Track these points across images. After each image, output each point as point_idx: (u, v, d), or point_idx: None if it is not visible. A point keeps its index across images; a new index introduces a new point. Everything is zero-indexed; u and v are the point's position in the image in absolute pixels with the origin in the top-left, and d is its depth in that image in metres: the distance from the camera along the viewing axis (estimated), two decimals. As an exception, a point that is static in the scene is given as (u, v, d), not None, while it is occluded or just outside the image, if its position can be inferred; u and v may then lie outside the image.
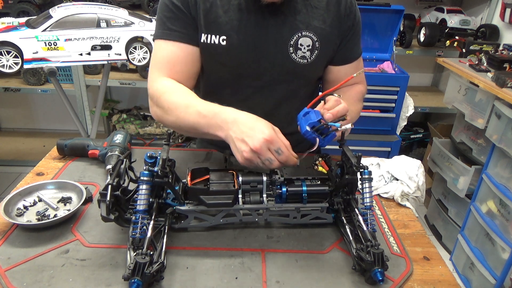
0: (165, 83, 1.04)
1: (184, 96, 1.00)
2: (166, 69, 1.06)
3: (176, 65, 1.06)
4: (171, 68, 1.06)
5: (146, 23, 1.91)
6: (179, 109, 0.97)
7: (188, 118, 0.95)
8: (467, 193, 2.22)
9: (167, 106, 1.00)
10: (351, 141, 1.10)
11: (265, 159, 0.84)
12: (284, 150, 0.85)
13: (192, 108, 0.95)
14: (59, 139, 1.18)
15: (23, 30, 1.74)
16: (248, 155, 0.84)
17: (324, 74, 1.22)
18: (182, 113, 0.96)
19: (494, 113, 1.93)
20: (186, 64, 1.08)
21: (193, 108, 0.95)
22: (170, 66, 1.06)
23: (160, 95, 1.02)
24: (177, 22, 1.05)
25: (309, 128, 0.88)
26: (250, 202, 0.89)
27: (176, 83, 1.04)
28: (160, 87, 1.03)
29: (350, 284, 0.79)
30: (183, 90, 1.02)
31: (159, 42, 1.07)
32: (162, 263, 0.75)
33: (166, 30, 1.06)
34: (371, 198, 0.87)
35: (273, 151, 0.85)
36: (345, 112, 0.92)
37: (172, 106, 0.99)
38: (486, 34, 2.67)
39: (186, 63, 1.07)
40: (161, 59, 1.07)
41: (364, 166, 0.87)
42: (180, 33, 1.05)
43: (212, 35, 1.06)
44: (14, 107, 3.39)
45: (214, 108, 0.93)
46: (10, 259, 0.79)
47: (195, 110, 0.94)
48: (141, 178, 0.81)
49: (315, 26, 1.08)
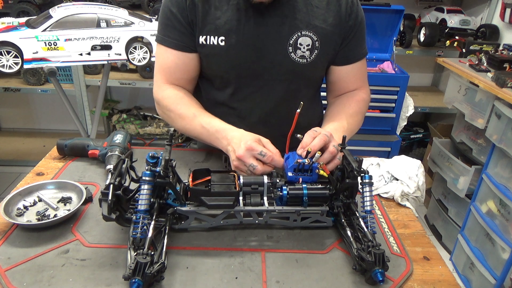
0: (170, 93, 1.13)
1: (189, 108, 1.10)
2: (167, 75, 1.15)
3: (175, 72, 1.14)
4: (171, 74, 1.14)
5: (146, 23, 1.91)
6: (186, 120, 1.10)
7: (194, 129, 1.09)
8: (467, 193, 2.22)
9: (173, 116, 1.12)
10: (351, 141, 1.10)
11: (249, 165, 0.92)
12: (266, 152, 0.92)
13: (196, 121, 1.07)
14: (59, 139, 1.18)
15: (23, 30, 1.74)
16: (236, 163, 0.94)
17: (327, 75, 1.22)
18: (188, 124, 1.09)
19: (494, 113, 1.93)
20: (184, 71, 1.15)
21: (198, 121, 1.07)
22: (171, 72, 1.14)
23: (168, 105, 1.12)
24: (174, 31, 1.09)
25: (291, 173, 0.91)
26: (250, 204, 0.88)
27: (180, 92, 1.14)
28: (166, 96, 1.13)
29: (350, 284, 0.79)
30: (188, 101, 1.12)
31: (159, 46, 1.14)
32: (163, 263, 0.75)
33: (165, 37, 1.11)
34: (372, 202, 0.86)
35: (257, 156, 0.92)
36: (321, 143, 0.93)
37: (179, 117, 1.11)
38: (486, 34, 2.67)
39: (183, 70, 1.14)
40: (162, 64, 1.15)
41: (365, 171, 0.87)
42: (177, 41, 1.10)
43: (211, 37, 1.07)
44: (14, 107, 3.39)
45: (215, 124, 1.04)
46: (10, 259, 0.79)
47: (199, 123, 1.07)
48: (143, 178, 0.81)
49: (315, 26, 1.08)
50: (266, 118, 1.17)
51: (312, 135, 0.95)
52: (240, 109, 1.17)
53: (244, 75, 1.12)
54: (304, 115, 1.21)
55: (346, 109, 1.16)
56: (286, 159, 0.94)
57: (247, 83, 1.13)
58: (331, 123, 1.11)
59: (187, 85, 1.17)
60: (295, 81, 1.14)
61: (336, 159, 0.95)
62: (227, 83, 1.15)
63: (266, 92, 1.14)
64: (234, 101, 1.16)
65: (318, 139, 0.93)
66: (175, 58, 1.12)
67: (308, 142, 0.93)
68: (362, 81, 1.23)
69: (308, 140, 0.94)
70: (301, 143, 0.95)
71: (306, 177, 0.91)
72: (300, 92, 1.17)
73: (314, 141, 0.93)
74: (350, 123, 1.12)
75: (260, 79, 1.12)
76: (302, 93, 1.18)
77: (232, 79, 1.13)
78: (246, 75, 1.12)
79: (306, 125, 1.06)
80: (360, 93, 1.22)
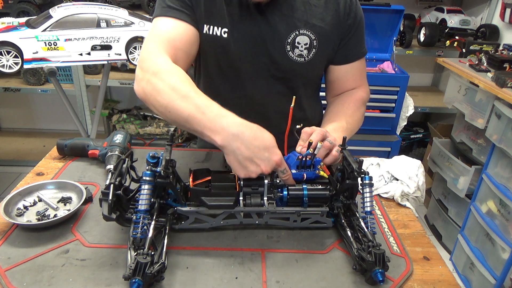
0: (166, 60, 0.94)
1: (185, 82, 0.88)
2: (165, 42, 0.98)
3: (176, 40, 1.00)
4: (170, 41, 0.99)
5: (146, 23, 1.91)
6: (175, 95, 0.86)
7: (184, 108, 0.84)
8: (467, 193, 2.22)
9: (162, 86, 0.88)
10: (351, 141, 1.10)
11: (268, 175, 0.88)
12: (288, 171, 0.88)
13: (190, 99, 0.84)
14: (59, 139, 1.18)
15: (23, 30, 1.74)
16: (252, 174, 0.83)
17: (326, 74, 1.22)
18: (177, 100, 0.85)
19: (494, 113, 1.93)
20: (186, 42, 1.03)
21: (192, 99, 0.84)
22: (170, 40, 0.99)
23: (160, 71, 0.90)
24: (177, 2, 1.03)
25: (295, 170, 0.91)
26: (251, 204, 0.88)
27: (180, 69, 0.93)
28: (160, 63, 0.93)
29: (350, 284, 0.79)
30: (186, 76, 0.91)
31: (158, 19, 1.03)
32: (163, 264, 0.75)
33: (166, 8, 1.02)
34: (372, 203, 0.87)
35: (279, 172, 0.87)
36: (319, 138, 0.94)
37: (168, 89, 0.87)
38: (486, 34, 2.67)
39: (186, 40, 1.03)
40: (160, 32, 1.01)
41: (365, 172, 0.87)
42: (181, 11, 1.02)
43: (214, 27, 1.06)
44: (14, 107, 3.39)
45: (214, 108, 0.84)
46: (10, 259, 0.79)
47: (193, 102, 0.84)
48: (143, 178, 0.81)
49: (313, 25, 1.08)
50: (266, 115, 1.17)
51: (309, 131, 0.97)
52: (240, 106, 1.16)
53: (244, 70, 1.12)
54: (304, 114, 1.22)
55: (345, 109, 1.16)
56: (286, 160, 0.94)
57: (246, 79, 1.13)
58: (330, 123, 1.11)
59: (185, 60, 1.03)
60: (293, 79, 1.15)
61: (334, 152, 0.96)
62: (227, 78, 1.14)
63: (265, 89, 1.15)
64: (232, 97, 1.16)
65: (315, 133, 0.95)
66: (178, 26, 1.02)
67: (306, 138, 0.95)
68: (361, 80, 1.23)
69: (305, 137, 0.96)
70: (300, 138, 0.96)
71: (310, 172, 0.91)
72: (298, 90, 1.17)
73: (313, 135, 0.95)
74: (349, 123, 1.12)
75: (260, 76, 1.12)
76: (300, 92, 1.18)
77: (231, 74, 1.13)
78: (245, 70, 1.12)
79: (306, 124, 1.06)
80: (359, 92, 1.22)
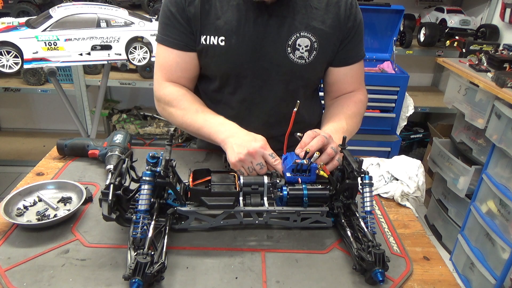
0: (171, 90, 1.13)
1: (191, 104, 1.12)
2: (168, 73, 1.14)
3: (176, 71, 1.14)
4: (172, 73, 1.14)
5: (146, 23, 1.91)
6: (188, 115, 1.10)
7: (195, 123, 1.09)
8: (467, 193, 2.22)
9: (174, 111, 1.12)
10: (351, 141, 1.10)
11: (257, 163, 0.94)
12: (276, 156, 0.95)
13: (199, 116, 1.08)
14: (59, 139, 1.18)
15: (23, 30, 1.74)
16: (243, 157, 0.93)
17: (325, 77, 1.22)
18: (189, 119, 1.09)
19: (494, 113, 1.93)
20: (184, 70, 1.14)
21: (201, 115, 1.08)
22: (171, 71, 1.14)
23: (170, 101, 1.13)
24: (174, 30, 1.09)
25: (289, 174, 0.91)
26: (251, 204, 0.89)
27: (182, 89, 1.14)
28: (167, 93, 1.13)
29: (350, 284, 0.79)
30: (190, 97, 1.13)
31: (160, 46, 1.14)
32: (163, 264, 0.75)
33: (164, 36, 1.11)
34: (372, 203, 0.87)
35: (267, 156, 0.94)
36: (320, 144, 0.93)
37: (180, 112, 1.11)
38: (486, 34, 2.67)
39: (184, 69, 1.14)
40: (163, 63, 1.15)
41: (365, 172, 0.87)
42: (176, 40, 1.10)
43: (211, 37, 1.07)
44: (14, 107, 3.39)
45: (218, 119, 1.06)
46: (10, 259, 0.79)
47: (202, 117, 1.08)
48: (143, 178, 0.81)
49: (314, 27, 1.08)
50: (265, 118, 1.18)
51: (312, 135, 0.95)
52: (239, 109, 1.17)
53: (243, 75, 1.12)
54: (303, 115, 1.22)
55: (345, 110, 1.16)
56: (284, 160, 0.94)
57: (246, 83, 1.13)
58: (330, 124, 1.11)
59: (187, 84, 1.17)
60: (294, 81, 1.15)
61: (335, 160, 0.95)
62: (226, 83, 1.15)
63: (265, 92, 1.15)
64: (233, 101, 1.17)
65: (317, 140, 0.93)
66: (176, 57, 1.12)
67: (307, 142, 0.93)
68: (359, 83, 1.24)
69: (307, 140, 0.94)
70: (300, 143, 0.95)
71: (305, 177, 0.91)
72: (298, 92, 1.18)
73: (313, 142, 0.93)
74: (349, 124, 1.12)
75: (259, 80, 1.12)
76: (300, 94, 1.18)
77: (231, 79, 1.13)
78: (245, 75, 1.12)
79: (305, 125, 1.06)
80: (358, 94, 1.22)
